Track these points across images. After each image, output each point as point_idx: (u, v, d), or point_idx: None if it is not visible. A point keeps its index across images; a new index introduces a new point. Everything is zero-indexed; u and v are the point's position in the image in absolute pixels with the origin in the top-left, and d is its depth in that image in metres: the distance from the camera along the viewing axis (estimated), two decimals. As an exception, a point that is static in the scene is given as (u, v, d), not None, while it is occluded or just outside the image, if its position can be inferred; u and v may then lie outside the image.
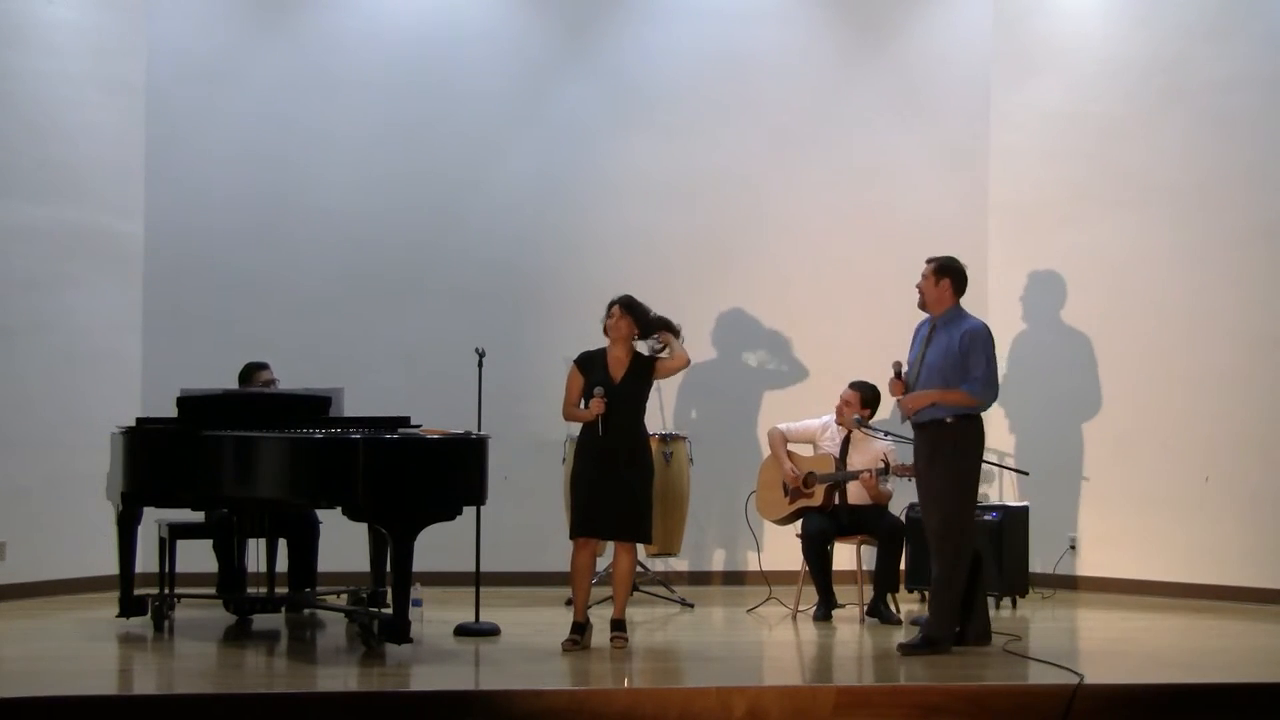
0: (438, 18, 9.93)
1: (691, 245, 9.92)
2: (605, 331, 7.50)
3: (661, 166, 9.95)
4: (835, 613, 8.36)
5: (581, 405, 7.46)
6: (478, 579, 7.95)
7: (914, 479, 7.63)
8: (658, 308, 9.63)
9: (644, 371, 7.50)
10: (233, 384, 8.49)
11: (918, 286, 7.38)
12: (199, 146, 9.71)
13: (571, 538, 7.41)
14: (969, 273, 7.44)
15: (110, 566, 8.17)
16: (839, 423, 8.56)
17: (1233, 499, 9.12)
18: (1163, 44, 9.47)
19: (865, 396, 8.51)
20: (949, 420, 7.19)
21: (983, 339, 7.23)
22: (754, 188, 9.98)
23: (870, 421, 8.46)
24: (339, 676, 6.91)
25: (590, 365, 7.47)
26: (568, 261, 9.77)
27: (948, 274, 7.33)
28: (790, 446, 8.65)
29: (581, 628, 7.37)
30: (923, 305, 7.38)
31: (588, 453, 7.40)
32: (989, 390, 7.21)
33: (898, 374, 7.40)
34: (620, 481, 7.32)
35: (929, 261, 7.40)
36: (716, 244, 9.93)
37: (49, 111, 9.18)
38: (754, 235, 9.96)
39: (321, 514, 8.18)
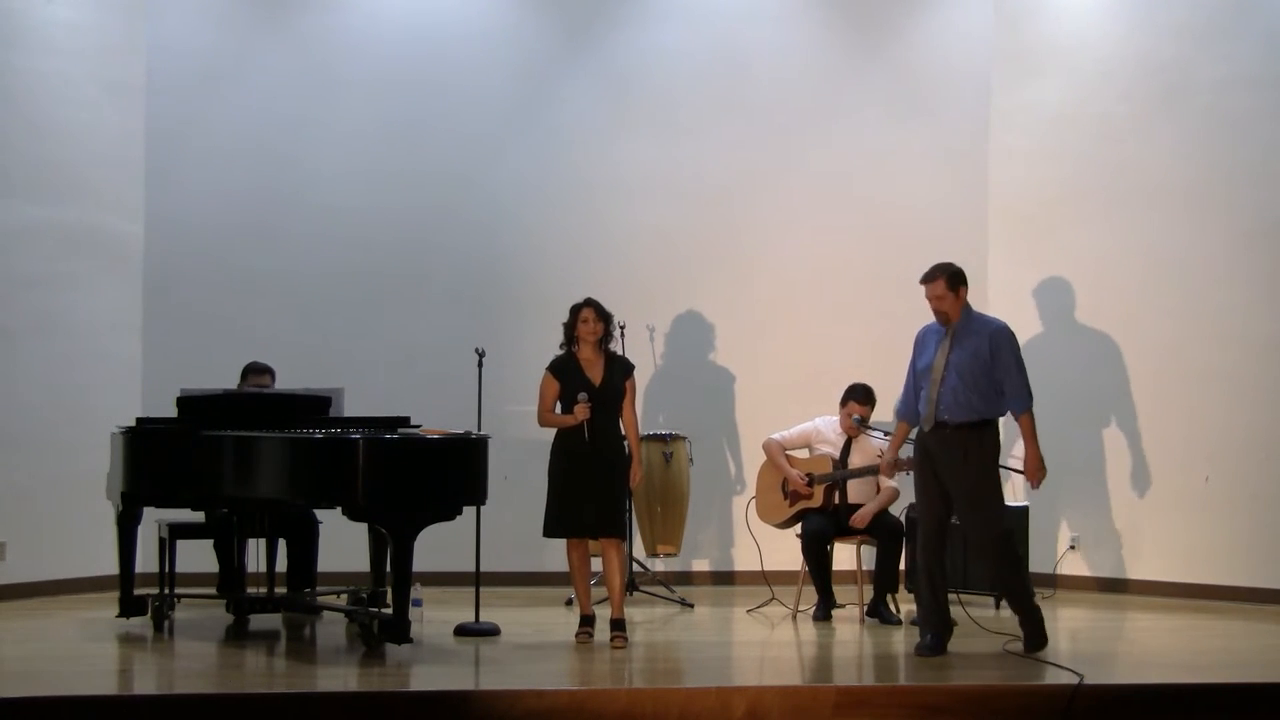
0: (437, 17, 9.93)
1: (691, 245, 9.91)
2: (573, 334, 7.59)
3: (661, 166, 9.94)
4: (835, 613, 8.36)
5: (558, 409, 7.54)
6: (478, 579, 7.95)
7: (909, 473, 7.73)
8: (657, 307, 9.76)
9: (619, 371, 7.61)
10: (233, 384, 8.50)
11: (936, 301, 7.25)
12: (199, 146, 9.71)
13: (545, 536, 7.55)
14: (970, 272, 7.45)
15: (110, 566, 8.18)
16: (845, 429, 8.54)
17: (1233, 499, 9.12)
18: (1162, 44, 9.47)
19: (870, 399, 8.54)
20: (979, 421, 7.18)
21: (1010, 343, 7.26)
22: (753, 187, 9.97)
23: (868, 421, 8.48)
24: (339, 676, 6.91)
25: (564, 370, 7.57)
26: (568, 261, 9.76)
27: (962, 281, 7.28)
28: (787, 452, 8.65)
29: (590, 620, 7.56)
30: (945, 319, 7.27)
31: (568, 455, 7.50)
32: (1030, 396, 7.23)
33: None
34: (599, 481, 7.44)
35: (941, 274, 7.26)
36: (716, 244, 9.93)
37: (49, 111, 9.18)
38: (753, 235, 9.96)
39: (321, 514, 8.17)
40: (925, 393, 7.28)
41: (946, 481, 7.23)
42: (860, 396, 8.51)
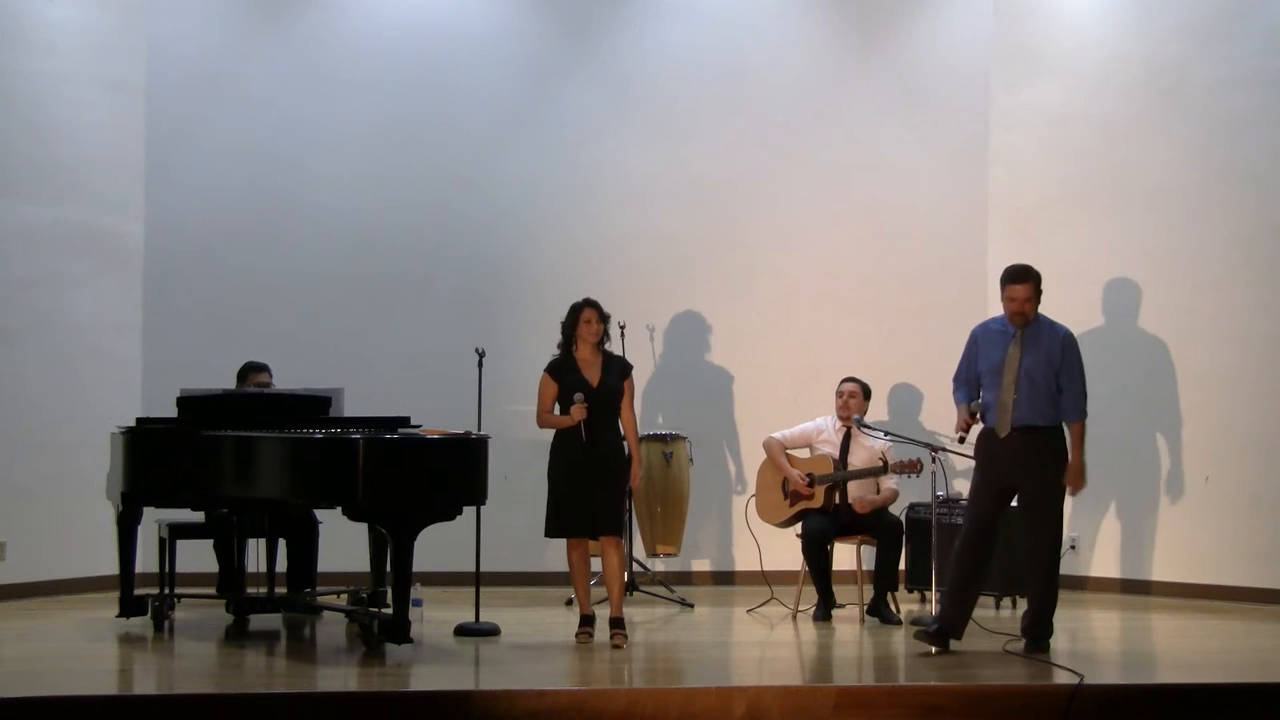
0: (437, 18, 9.92)
1: (691, 245, 9.91)
2: (573, 334, 7.58)
3: (662, 167, 9.94)
4: (835, 613, 8.35)
5: (556, 410, 7.55)
6: (478, 579, 7.96)
7: (910, 476, 7.70)
8: (657, 307, 9.76)
9: (617, 371, 7.61)
10: (233, 384, 8.49)
11: (1022, 303, 7.23)
12: (199, 146, 9.71)
13: (547, 536, 7.57)
14: (970, 272, 7.45)
15: (110, 566, 8.18)
16: (841, 418, 8.56)
17: (1233, 499, 9.12)
18: (1162, 44, 9.47)
19: (866, 389, 8.56)
20: (1048, 425, 7.21)
21: (1077, 349, 7.30)
22: (754, 188, 9.97)
23: (865, 419, 8.48)
24: (339, 676, 6.91)
25: (562, 371, 7.57)
26: (568, 261, 9.76)
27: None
28: (788, 451, 8.65)
29: (590, 619, 7.58)
30: (1023, 321, 7.27)
31: (567, 456, 7.50)
32: (1085, 405, 7.28)
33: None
34: (597, 481, 7.44)
35: (1032, 276, 7.27)
36: (716, 244, 9.92)
37: (49, 111, 9.18)
38: (754, 235, 9.96)
39: (321, 514, 8.18)
40: (996, 398, 7.26)
41: (1018, 484, 7.25)
42: (849, 378, 8.54)
